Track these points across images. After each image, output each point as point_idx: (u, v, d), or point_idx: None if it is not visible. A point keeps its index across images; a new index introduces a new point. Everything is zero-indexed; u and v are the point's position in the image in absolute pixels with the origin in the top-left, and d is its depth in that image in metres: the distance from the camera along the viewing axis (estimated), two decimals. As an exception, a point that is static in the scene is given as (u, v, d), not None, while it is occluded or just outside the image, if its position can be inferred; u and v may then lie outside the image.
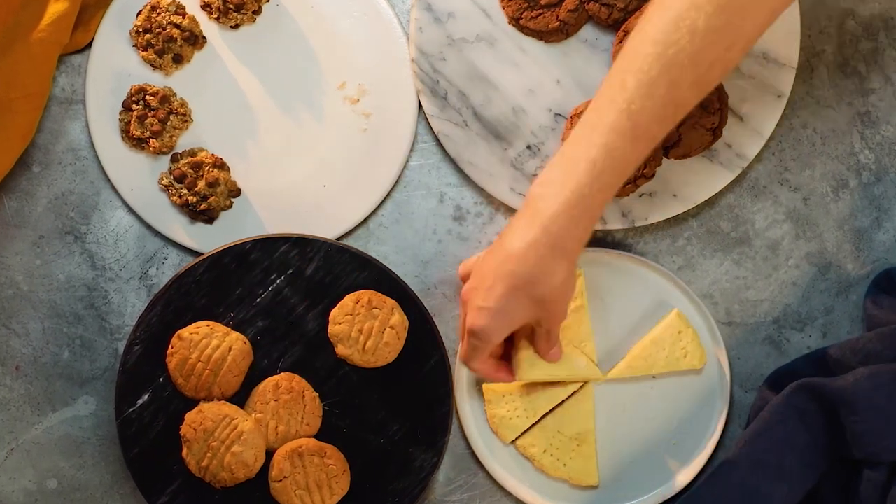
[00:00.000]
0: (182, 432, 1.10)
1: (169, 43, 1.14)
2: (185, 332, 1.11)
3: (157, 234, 1.17)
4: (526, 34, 1.15)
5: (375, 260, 1.13)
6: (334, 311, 1.12)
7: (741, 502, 1.09)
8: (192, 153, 1.14)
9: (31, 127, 1.14)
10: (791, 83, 1.14)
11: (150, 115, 1.14)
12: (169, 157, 1.15)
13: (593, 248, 1.16)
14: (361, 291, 1.12)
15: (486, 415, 1.16)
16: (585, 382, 1.16)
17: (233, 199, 1.15)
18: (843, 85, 1.17)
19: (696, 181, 1.15)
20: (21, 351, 1.17)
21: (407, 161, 1.17)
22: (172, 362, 1.11)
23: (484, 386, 1.16)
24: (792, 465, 1.09)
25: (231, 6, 1.14)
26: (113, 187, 1.16)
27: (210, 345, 1.10)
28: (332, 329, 1.12)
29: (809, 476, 1.10)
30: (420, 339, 1.13)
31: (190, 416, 1.10)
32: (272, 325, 1.13)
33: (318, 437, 1.12)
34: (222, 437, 1.09)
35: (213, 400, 1.11)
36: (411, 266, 1.18)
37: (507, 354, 1.10)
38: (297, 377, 1.12)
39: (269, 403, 1.11)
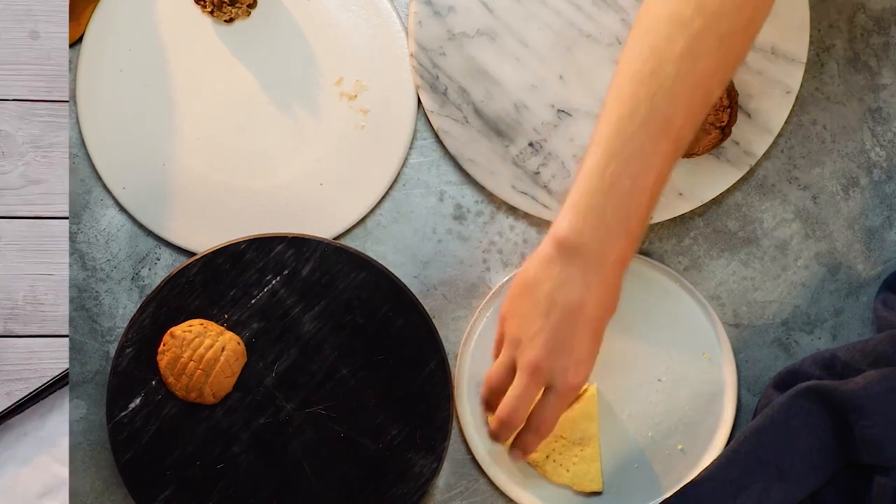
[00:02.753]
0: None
1: None
2: (178, 329, 1.10)
3: (150, 233, 1.16)
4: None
5: (373, 260, 1.12)
6: None
7: (737, 498, 1.08)
8: None
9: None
10: (800, 79, 1.14)
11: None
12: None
13: (597, 247, 1.15)
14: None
15: (486, 419, 1.15)
16: (588, 386, 1.15)
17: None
18: (854, 80, 1.16)
19: (702, 179, 1.14)
20: (10, 353, 1.16)
21: (406, 159, 1.16)
22: (163, 360, 1.10)
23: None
24: (793, 466, 1.08)
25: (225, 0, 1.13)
26: (104, 185, 1.15)
27: (203, 344, 1.09)
28: None
29: (813, 479, 1.09)
30: (419, 341, 1.12)
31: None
32: (267, 326, 1.11)
33: (316, 441, 1.11)
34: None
35: (204, 401, 1.10)
36: (410, 266, 1.16)
37: None
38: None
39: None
